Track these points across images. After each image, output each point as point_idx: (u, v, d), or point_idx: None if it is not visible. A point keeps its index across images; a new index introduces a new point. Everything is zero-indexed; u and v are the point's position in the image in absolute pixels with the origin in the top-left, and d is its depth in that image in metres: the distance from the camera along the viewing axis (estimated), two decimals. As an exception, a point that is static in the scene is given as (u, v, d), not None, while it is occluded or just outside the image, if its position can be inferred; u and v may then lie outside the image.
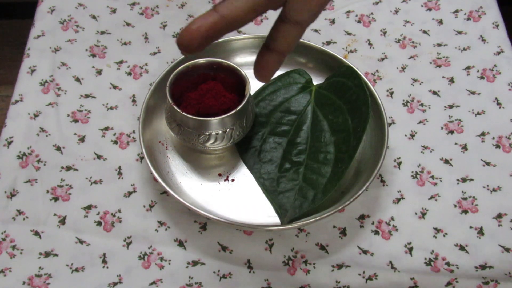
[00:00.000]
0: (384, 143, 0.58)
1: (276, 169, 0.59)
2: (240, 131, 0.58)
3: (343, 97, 0.59)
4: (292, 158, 0.59)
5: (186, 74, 0.59)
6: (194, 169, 0.61)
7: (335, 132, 0.59)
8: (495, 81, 0.69)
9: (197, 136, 0.56)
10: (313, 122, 0.61)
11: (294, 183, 0.58)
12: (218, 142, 0.57)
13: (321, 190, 0.56)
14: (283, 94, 0.63)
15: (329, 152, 0.58)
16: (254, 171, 0.60)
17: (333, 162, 0.57)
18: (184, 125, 0.56)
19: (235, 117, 0.56)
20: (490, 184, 0.61)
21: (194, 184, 0.60)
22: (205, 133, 0.56)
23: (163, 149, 0.62)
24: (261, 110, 0.63)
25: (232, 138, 0.58)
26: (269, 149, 0.60)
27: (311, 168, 0.58)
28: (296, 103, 0.63)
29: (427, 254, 0.57)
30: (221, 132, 0.56)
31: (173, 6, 0.77)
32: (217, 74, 0.59)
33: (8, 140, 0.64)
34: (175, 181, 0.60)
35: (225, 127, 0.56)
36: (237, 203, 0.58)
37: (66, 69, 0.70)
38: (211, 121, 0.55)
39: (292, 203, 0.56)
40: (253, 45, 0.68)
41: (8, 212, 0.59)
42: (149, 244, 0.58)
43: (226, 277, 0.56)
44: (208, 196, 0.59)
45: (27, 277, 0.56)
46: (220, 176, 0.60)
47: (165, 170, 0.60)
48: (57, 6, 0.76)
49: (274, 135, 0.61)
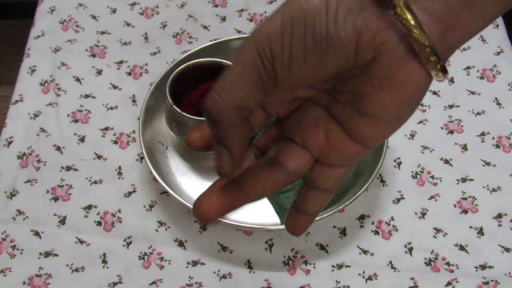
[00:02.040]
0: (384, 143, 0.58)
1: None
2: None
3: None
4: None
5: (186, 74, 0.59)
6: (194, 169, 0.61)
7: None
8: (495, 81, 0.69)
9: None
10: None
11: (295, 183, 0.57)
12: None
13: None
14: None
15: None
16: None
17: None
18: (184, 125, 0.56)
19: None
20: (490, 184, 0.61)
21: (194, 184, 0.60)
22: None
23: (163, 149, 0.62)
24: None
25: None
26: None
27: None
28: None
29: (427, 254, 0.57)
30: None
31: (173, 6, 0.77)
32: (217, 74, 0.59)
33: (8, 140, 0.64)
34: (175, 181, 0.60)
35: None
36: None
37: (66, 69, 0.70)
38: None
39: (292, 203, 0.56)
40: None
41: (8, 212, 0.59)
42: (149, 244, 0.58)
43: (226, 277, 0.56)
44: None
45: (27, 277, 0.56)
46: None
47: (165, 170, 0.60)
48: (57, 6, 0.76)
49: None
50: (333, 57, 0.27)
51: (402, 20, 0.25)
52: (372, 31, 0.26)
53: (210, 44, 0.66)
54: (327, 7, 0.26)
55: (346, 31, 0.26)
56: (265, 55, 0.27)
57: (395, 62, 0.27)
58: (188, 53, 0.65)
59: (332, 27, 0.26)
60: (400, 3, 0.25)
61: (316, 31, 0.26)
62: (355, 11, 0.26)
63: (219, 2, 0.77)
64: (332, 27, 0.26)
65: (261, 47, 0.27)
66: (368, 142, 0.30)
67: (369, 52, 0.26)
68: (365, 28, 0.26)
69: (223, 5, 0.77)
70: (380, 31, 0.26)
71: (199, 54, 0.64)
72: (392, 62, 0.27)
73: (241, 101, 0.28)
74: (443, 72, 0.27)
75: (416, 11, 0.26)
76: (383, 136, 0.30)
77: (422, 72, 0.27)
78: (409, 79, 0.27)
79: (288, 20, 0.27)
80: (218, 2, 0.77)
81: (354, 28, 0.26)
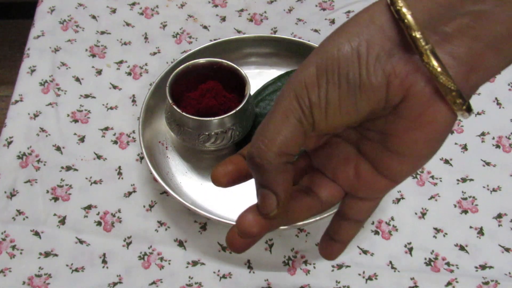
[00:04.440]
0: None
1: None
2: (240, 131, 0.58)
3: None
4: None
5: (186, 74, 0.59)
6: (194, 169, 0.61)
7: None
8: (495, 81, 0.69)
9: (197, 136, 0.56)
10: None
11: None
12: (218, 142, 0.57)
13: None
14: None
15: None
16: None
17: None
18: (184, 125, 0.56)
19: (235, 117, 0.56)
20: (490, 184, 0.61)
21: (194, 184, 0.60)
22: (205, 133, 0.56)
23: (163, 149, 0.62)
24: (261, 110, 0.63)
25: (232, 138, 0.58)
26: None
27: None
28: None
29: (427, 254, 0.57)
30: (221, 132, 0.56)
31: (173, 6, 0.77)
32: (217, 74, 0.59)
33: (8, 140, 0.64)
34: (175, 181, 0.60)
35: (225, 127, 0.56)
36: (237, 203, 0.58)
37: (66, 69, 0.70)
38: (211, 121, 0.55)
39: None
40: (253, 45, 0.68)
41: (8, 212, 0.59)
42: (149, 244, 0.58)
43: (226, 277, 0.56)
44: (208, 196, 0.59)
45: (27, 277, 0.56)
46: None
47: (165, 170, 0.60)
48: (57, 6, 0.76)
49: None
50: (366, 101, 0.28)
51: (428, 66, 0.27)
52: (401, 75, 0.28)
53: (210, 44, 0.66)
54: (359, 55, 0.28)
55: (377, 77, 0.28)
56: (304, 102, 0.29)
57: (422, 104, 0.28)
58: (187, 53, 0.65)
59: (364, 73, 0.28)
60: (427, 51, 0.27)
61: (349, 78, 0.28)
62: (384, 57, 0.28)
63: (219, 2, 0.77)
64: (364, 73, 0.28)
65: (299, 95, 0.29)
66: (396, 177, 0.32)
67: (399, 95, 0.28)
68: (394, 73, 0.28)
69: (223, 5, 0.77)
70: (408, 76, 0.28)
71: (199, 54, 0.64)
72: (420, 104, 0.28)
73: (285, 147, 0.29)
74: (468, 112, 0.29)
75: (441, 55, 0.27)
76: (412, 171, 0.32)
77: (448, 112, 0.29)
78: (436, 119, 0.29)
79: (323, 68, 0.28)
80: (218, 2, 0.77)
81: (384, 74, 0.28)
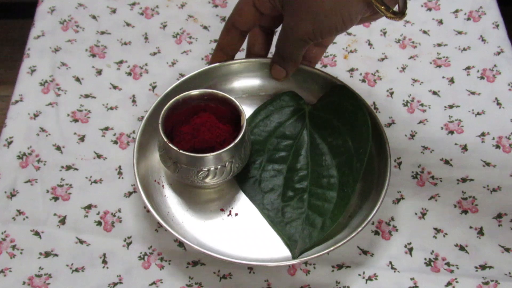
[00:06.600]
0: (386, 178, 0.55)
1: (279, 198, 0.57)
2: (239, 163, 0.55)
3: (341, 118, 0.58)
4: (294, 185, 0.57)
5: (176, 109, 0.56)
6: (195, 206, 0.58)
7: (336, 154, 0.57)
8: (495, 81, 0.69)
9: (196, 173, 0.54)
10: (311, 145, 0.59)
11: (299, 211, 0.56)
12: (217, 177, 0.54)
13: (328, 216, 0.54)
14: (276, 118, 0.61)
15: (332, 176, 0.56)
16: (256, 202, 0.57)
17: (337, 186, 0.55)
18: (181, 162, 0.54)
19: (234, 149, 0.54)
20: (490, 184, 0.61)
21: (197, 222, 0.57)
22: (203, 169, 0.53)
23: (160, 187, 0.59)
24: (255, 137, 0.60)
25: (232, 171, 0.55)
26: (269, 178, 0.58)
27: (315, 194, 0.56)
28: (291, 127, 0.60)
29: (427, 254, 0.57)
30: (221, 166, 0.54)
31: (173, 6, 0.77)
32: (208, 105, 0.57)
33: (8, 140, 0.64)
34: (177, 221, 0.57)
35: (224, 161, 0.54)
36: (243, 238, 0.56)
37: (66, 69, 0.70)
38: (210, 157, 0.52)
39: (300, 232, 0.54)
40: (247, 69, 0.64)
41: (8, 212, 0.59)
42: (149, 244, 0.58)
43: (226, 277, 0.56)
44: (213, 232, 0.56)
45: (27, 277, 0.56)
46: (222, 211, 0.57)
47: (165, 211, 0.57)
48: (57, 6, 0.76)
49: (272, 162, 0.58)
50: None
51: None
52: None
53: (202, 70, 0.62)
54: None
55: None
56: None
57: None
58: (180, 81, 0.61)
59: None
60: None
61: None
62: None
63: (219, 2, 0.77)
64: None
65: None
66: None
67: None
68: None
69: (223, 5, 0.77)
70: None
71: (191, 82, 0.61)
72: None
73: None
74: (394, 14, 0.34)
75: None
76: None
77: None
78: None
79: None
80: (218, 2, 0.77)
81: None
